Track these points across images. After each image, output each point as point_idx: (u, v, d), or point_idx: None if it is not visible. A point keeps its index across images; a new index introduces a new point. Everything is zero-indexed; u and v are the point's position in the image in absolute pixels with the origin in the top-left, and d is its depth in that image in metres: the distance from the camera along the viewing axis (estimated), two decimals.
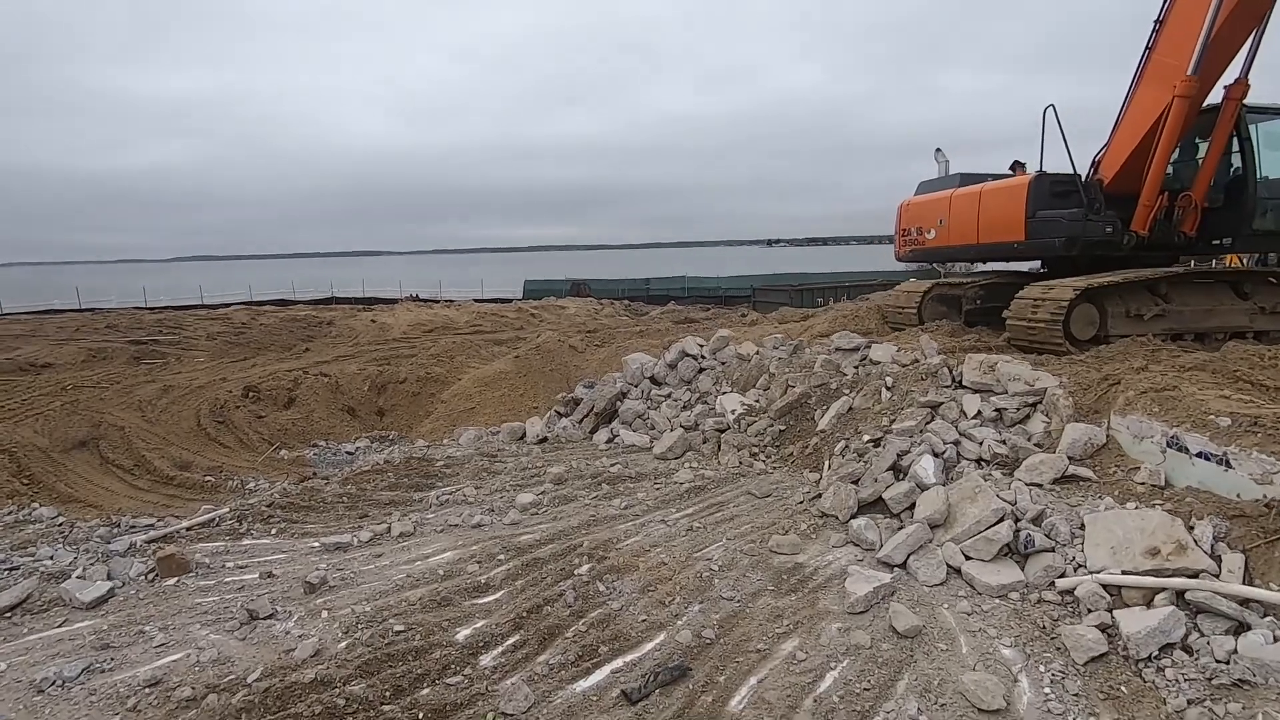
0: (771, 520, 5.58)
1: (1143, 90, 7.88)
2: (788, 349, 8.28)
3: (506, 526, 5.95)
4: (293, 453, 9.83)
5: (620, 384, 8.83)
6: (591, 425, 8.59)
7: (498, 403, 11.79)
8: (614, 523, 5.83)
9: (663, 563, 4.98)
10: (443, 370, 13.30)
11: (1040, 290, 7.51)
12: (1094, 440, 5.02)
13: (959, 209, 9.61)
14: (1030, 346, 7.55)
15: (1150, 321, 7.55)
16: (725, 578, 4.71)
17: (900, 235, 11.02)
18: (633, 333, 15.15)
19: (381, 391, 12.44)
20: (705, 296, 34.68)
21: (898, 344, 7.80)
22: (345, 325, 21.25)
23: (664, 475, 6.86)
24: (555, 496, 6.47)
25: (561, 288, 37.45)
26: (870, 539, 4.96)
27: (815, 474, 6.40)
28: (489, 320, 22.52)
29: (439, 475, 7.49)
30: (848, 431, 6.62)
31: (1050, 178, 8.52)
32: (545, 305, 27.05)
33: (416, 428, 11.45)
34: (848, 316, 10.64)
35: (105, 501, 7.81)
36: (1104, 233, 8.01)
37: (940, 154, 10.86)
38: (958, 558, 4.53)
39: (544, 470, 7.24)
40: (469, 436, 9.12)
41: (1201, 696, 3.13)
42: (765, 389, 7.83)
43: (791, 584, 4.58)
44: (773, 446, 7.09)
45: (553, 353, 13.48)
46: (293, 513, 6.61)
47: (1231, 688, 3.12)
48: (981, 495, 4.87)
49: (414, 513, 6.47)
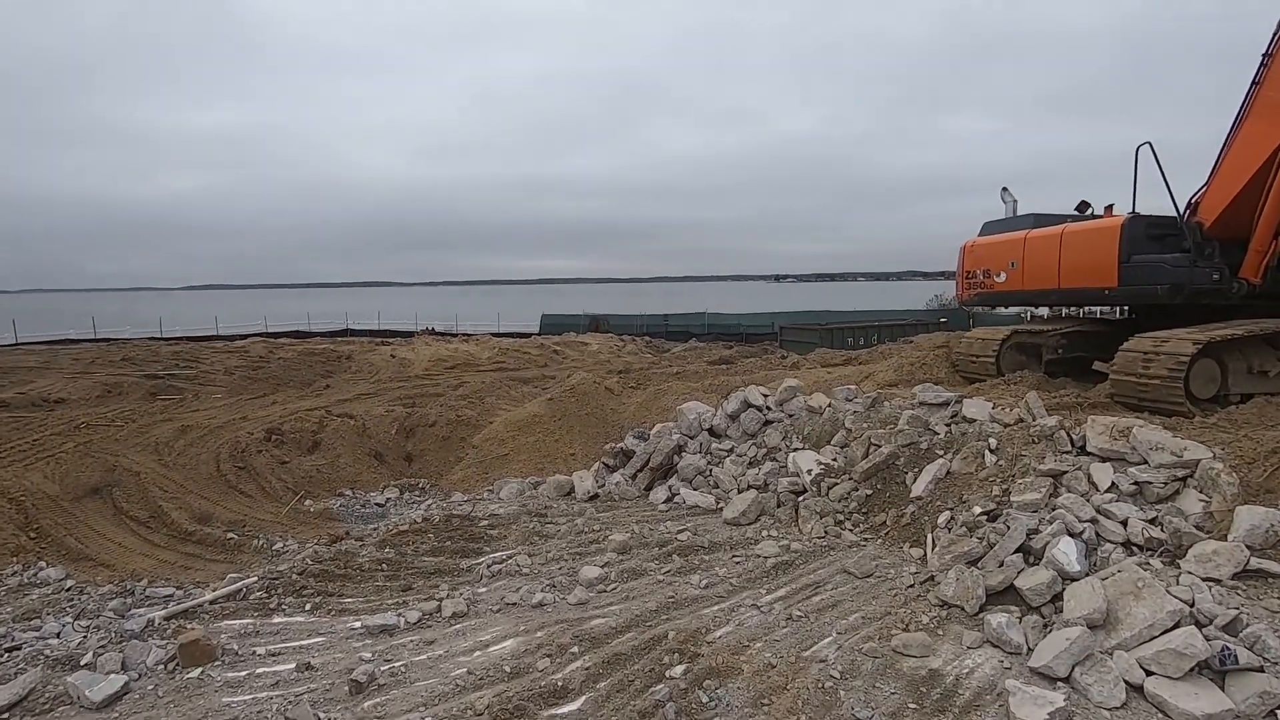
0: (884, 609, 4.84)
1: (1251, 126, 7.30)
2: (864, 402, 7.60)
3: (573, 607, 5.23)
4: (318, 503, 9.14)
5: (676, 436, 8.15)
6: (646, 481, 7.89)
7: (532, 449, 11.10)
8: (697, 606, 5.10)
9: (770, 664, 4.24)
10: (473, 413, 12.65)
11: (1152, 343, 6.83)
12: (1277, 528, 4.29)
13: (1036, 251, 9.00)
14: (1141, 405, 6.85)
15: (1275, 379, 6.85)
16: (851, 689, 3.97)
17: (964, 278, 10.41)
18: (668, 375, 14.50)
19: (410, 435, 11.78)
20: (726, 334, 34.10)
21: (991, 399, 7.11)
22: (364, 360, 20.73)
23: (741, 545, 6.13)
24: (622, 570, 5.75)
25: (579, 322, 36.95)
26: (1014, 640, 4.21)
27: (917, 549, 5.67)
28: (512, 357, 21.95)
29: (485, 538, 6.79)
30: (950, 500, 5.90)
31: (1146, 220, 7.92)
32: (567, 341, 26.50)
33: (447, 475, 10.76)
34: (912, 364, 9.95)
35: (118, 560, 7.14)
36: (1211, 280, 7.37)
37: (1007, 193, 10.30)
38: (1135, 672, 3.78)
39: (603, 536, 6.52)
40: (511, 490, 8.43)
41: None
42: (843, 446, 7.13)
43: (935, 700, 3.83)
44: (860, 514, 6.36)
45: (588, 395, 12.83)
46: (327, 582, 5.91)
47: None
48: (1149, 591, 4.13)
49: (464, 585, 5.76)
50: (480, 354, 22.84)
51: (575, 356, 23.19)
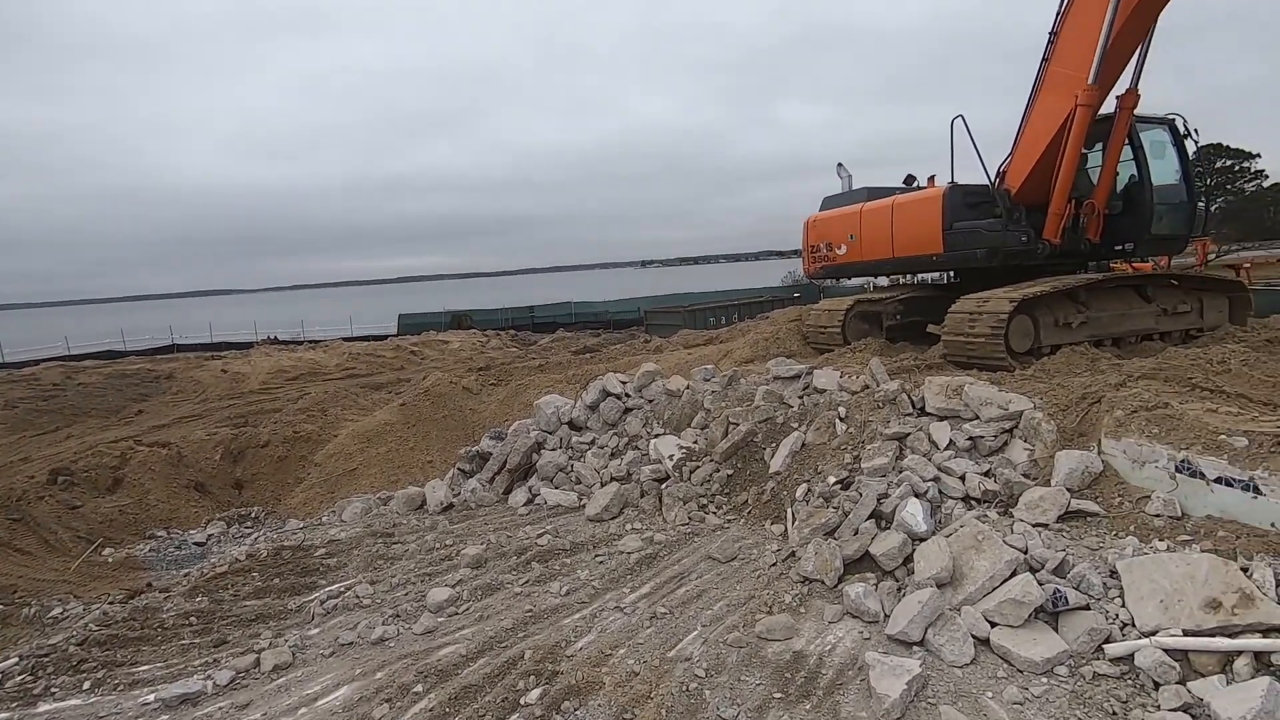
0: (748, 593, 4.71)
1: (1044, 100, 7.94)
2: (721, 381, 7.53)
3: (419, 638, 4.67)
4: (120, 551, 7.80)
5: (534, 433, 7.70)
6: (505, 484, 7.39)
7: (384, 461, 10.20)
8: (558, 617, 4.73)
9: (633, 672, 3.96)
10: (314, 427, 11.44)
11: (975, 304, 7.27)
12: (1091, 469, 4.59)
13: (871, 223, 9.39)
14: (969, 362, 7.28)
15: (1077, 330, 7.53)
16: (717, 686, 3.76)
17: (809, 252, 10.72)
18: (531, 368, 13.94)
19: (238, 459, 10.43)
20: (593, 322, 33.86)
21: (839, 368, 7.27)
22: (189, 378, 18.40)
23: (604, 543, 5.82)
24: (476, 587, 5.25)
25: (440, 320, 35.22)
26: (872, 609, 4.20)
27: (778, 525, 5.63)
28: (363, 362, 20.38)
29: (321, 569, 6.01)
30: (806, 472, 5.92)
31: (963, 189, 8.43)
32: (426, 341, 25.07)
33: (286, 499, 9.64)
34: (767, 339, 10.12)
35: None
36: (1021, 242, 7.97)
37: (842, 168, 10.69)
38: (981, 625, 3.86)
39: (456, 550, 5.97)
40: (355, 510, 7.61)
41: None
42: (703, 428, 7.02)
43: (800, 685, 3.71)
44: (723, 495, 6.26)
45: (444, 397, 12.02)
46: (116, 650, 4.93)
47: None
48: (988, 544, 4.25)
49: (291, 629, 5.01)
50: (328, 361, 21.04)
51: (435, 356, 21.97)
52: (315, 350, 24.28)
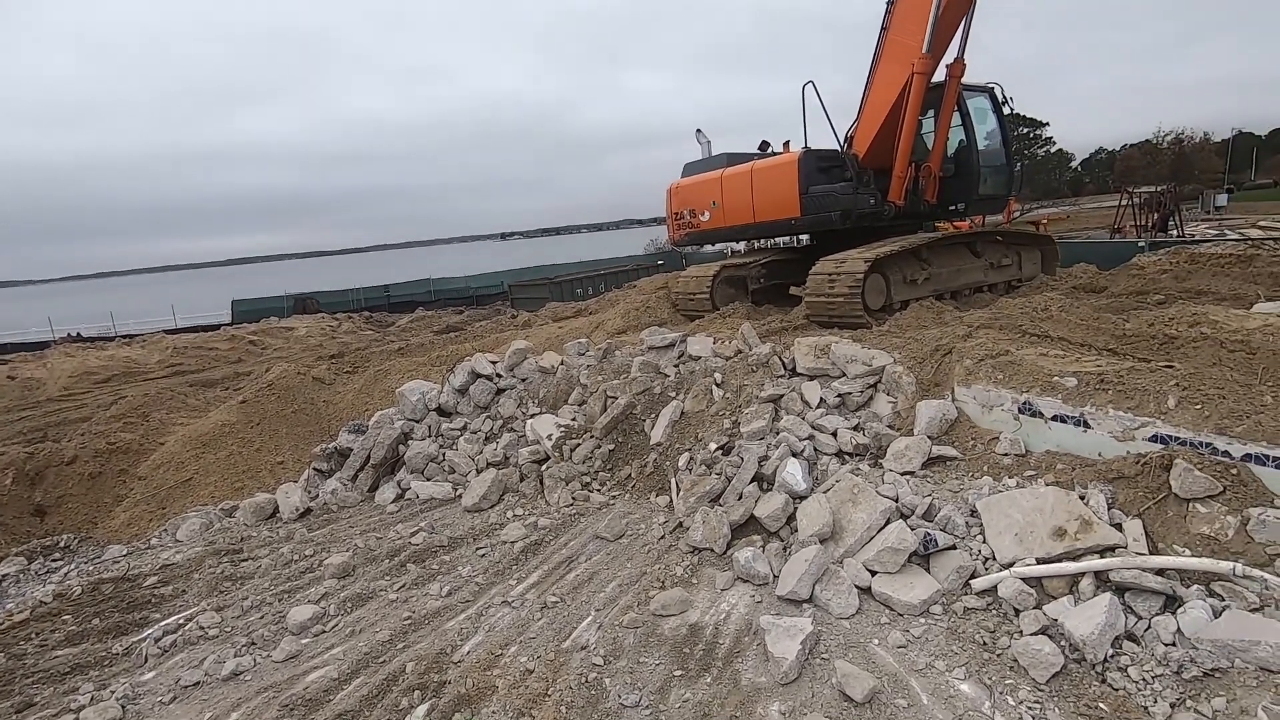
0: (639, 569, 4.62)
1: (884, 68, 8.34)
2: (596, 355, 7.35)
3: (281, 666, 4.17)
4: None
5: (400, 422, 7.15)
6: (370, 481, 6.82)
7: (225, 466, 9.09)
8: (440, 620, 4.40)
9: (527, 670, 3.75)
10: (134, 435, 9.95)
11: (833, 265, 7.58)
12: (947, 416, 4.91)
13: (732, 189, 9.51)
14: (830, 321, 7.60)
15: (922, 285, 8.10)
16: (616, 672, 3.64)
17: (673, 219, 10.73)
18: (390, 352, 13.00)
19: (37, 481, 8.84)
20: (455, 298, 32.43)
21: (711, 334, 7.32)
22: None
23: (485, 534, 5.51)
24: (345, 599, 4.78)
25: (282, 305, 32.18)
26: (761, 572, 4.25)
27: (663, 497, 5.59)
28: (192, 356, 18.14)
29: (152, 601, 5.22)
30: (687, 441, 5.91)
31: (816, 153, 8.72)
32: (266, 329, 22.75)
33: (104, 522, 8.34)
34: (638, 308, 10.04)
35: None
36: (870, 205, 8.39)
37: (701, 134, 10.73)
38: (863, 575, 4.02)
39: (319, 560, 5.41)
40: (192, 527, 6.71)
41: (1181, 696, 2.89)
42: (581, 404, 6.82)
43: (699, 658, 3.67)
44: (605, 471, 6.12)
45: (292, 390, 10.90)
46: None
47: (1205, 679, 2.90)
48: (863, 496, 4.43)
49: (119, 677, 4.30)
50: (148, 358, 18.53)
51: (279, 345, 20.03)
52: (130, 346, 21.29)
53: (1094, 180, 77.89)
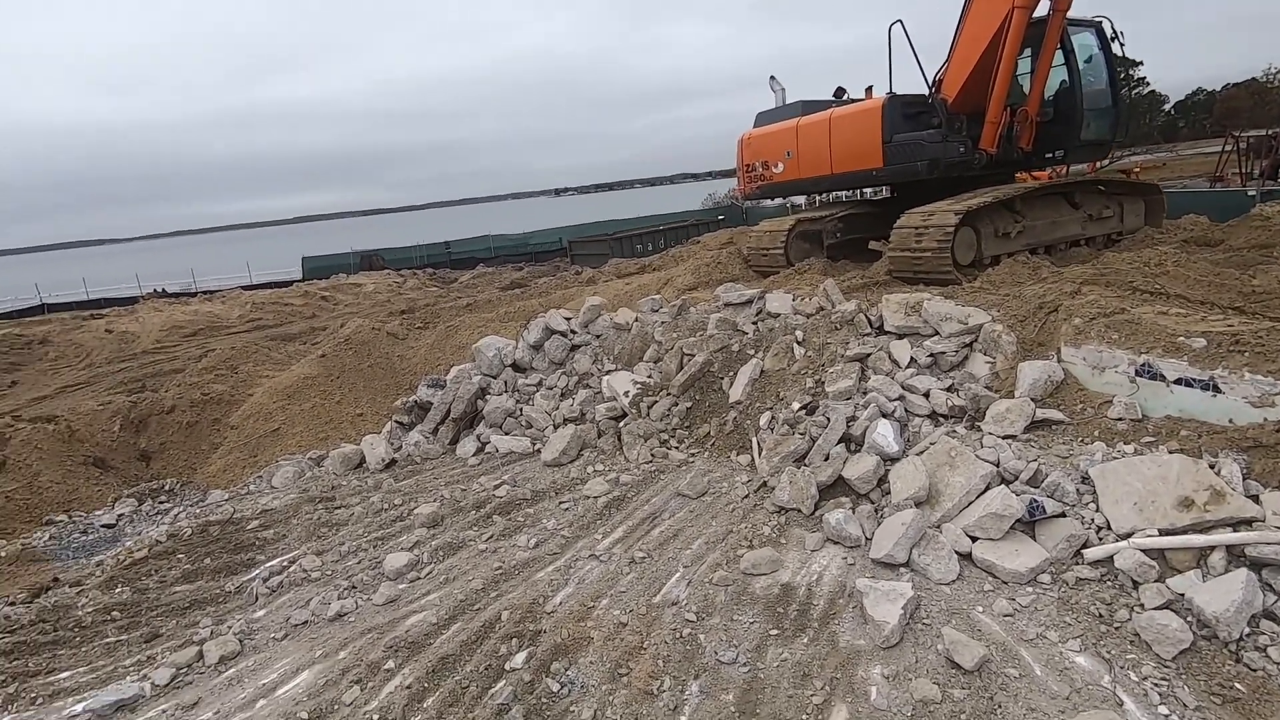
0: (725, 528, 4.60)
1: (979, 3, 7.73)
2: (670, 311, 7.26)
3: (381, 609, 4.35)
4: (14, 543, 6.95)
5: (477, 378, 7.25)
6: (451, 434, 6.98)
7: (309, 418, 9.49)
8: (529, 571, 4.49)
9: (620, 623, 3.79)
10: (224, 386, 10.48)
11: (920, 218, 7.21)
12: (1053, 377, 4.64)
13: (808, 138, 9.12)
14: (915, 277, 7.28)
15: (1015, 239, 7.64)
16: (710, 629, 3.65)
17: (744, 171, 10.40)
18: (458, 308, 13.22)
19: (142, 429, 9.46)
20: (514, 255, 32.64)
21: (790, 290, 7.11)
22: (67, 341, 16.55)
23: (567, 488, 5.58)
24: (436, 547, 4.93)
25: (349, 262, 33.05)
26: (853, 534, 4.16)
27: (744, 455, 5.53)
28: (270, 312, 18.90)
29: (257, 543, 5.52)
30: (768, 399, 5.81)
31: (901, 99, 8.23)
32: (336, 285, 23.47)
33: (203, 468, 8.86)
34: (708, 264, 9.84)
35: None
36: (959, 153, 7.91)
37: (775, 82, 10.28)
38: (963, 541, 3.88)
39: (408, 510, 5.59)
40: (285, 474, 7.04)
41: None
42: (656, 361, 6.77)
43: (794, 619, 3.64)
44: (684, 429, 6.09)
45: (368, 344, 11.23)
46: (29, 657, 4.38)
47: None
48: (961, 460, 4.26)
49: (234, 614, 4.58)
50: (229, 313, 19.40)
51: (349, 301, 20.65)
52: (212, 302, 22.34)
53: (1189, 124, 71.89)
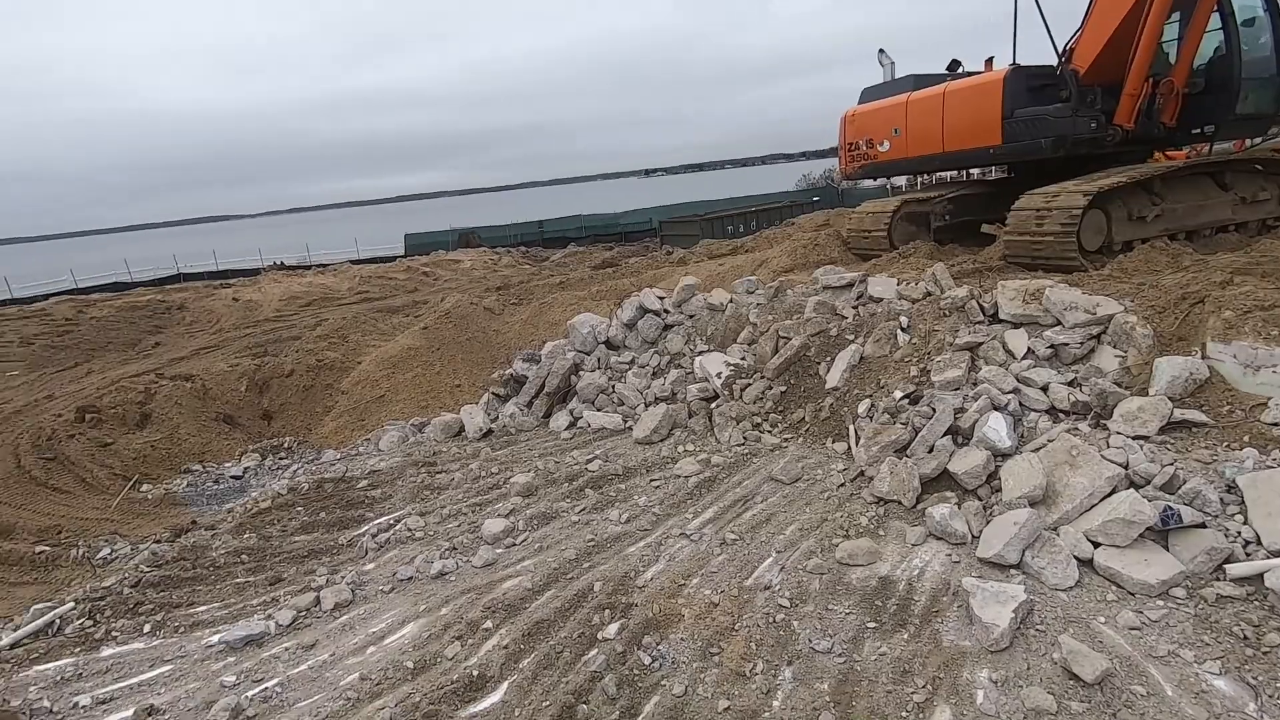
0: (819, 515, 4.49)
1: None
2: (766, 293, 7.12)
3: (480, 571, 4.54)
4: (158, 486, 7.74)
5: (571, 354, 7.39)
6: (544, 408, 7.16)
7: (411, 386, 9.99)
8: (620, 545, 4.56)
9: (712, 603, 3.79)
10: (337, 354, 11.20)
11: (1042, 199, 6.69)
12: (1196, 375, 4.23)
13: (918, 115, 8.65)
14: (1035, 263, 6.79)
15: (1151, 223, 6.98)
16: (804, 616, 3.59)
17: (846, 150, 10.01)
18: (551, 286, 13.51)
19: (264, 390, 10.26)
20: (605, 234, 32.96)
21: (893, 274, 6.81)
22: (201, 308, 18.10)
23: (658, 467, 5.61)
24: (531, 516, 5.08)
25: (447, 239, 34.38)
26: (959, 530, 3.97)
27: (840, 443, 5.37)
28: (376, 285, 19.96)
29: (366, 501, 5.87)
30: (867, 387, 5.60)
31: (1026, 71, 7.65)
32: (436, 261, 24.49)
33: (316, 429, 9.52)
34: (805, 246, 9.57)
35: None
36: (1090, 129, 7.28)
37: (884, 55, 9.79)
38: (1084, 546, 3.62)
39: (504, 478, 5.79)
40: (391, 439, 7.44)
41: None
42: (750, 343, 6.67)
43: (892, 613, 3.52)
44: (777, 413, 5.98)
45: (466, 318, 11.68)
46: (172, 590, 4.86)
47: None
48: (1084, 459, 3.97)
49: (346, 565, 4.89)
50: (339, 286, 20.62)
51: (448, 277, 21.50)
52: (324, 275, 23.79)
53: None
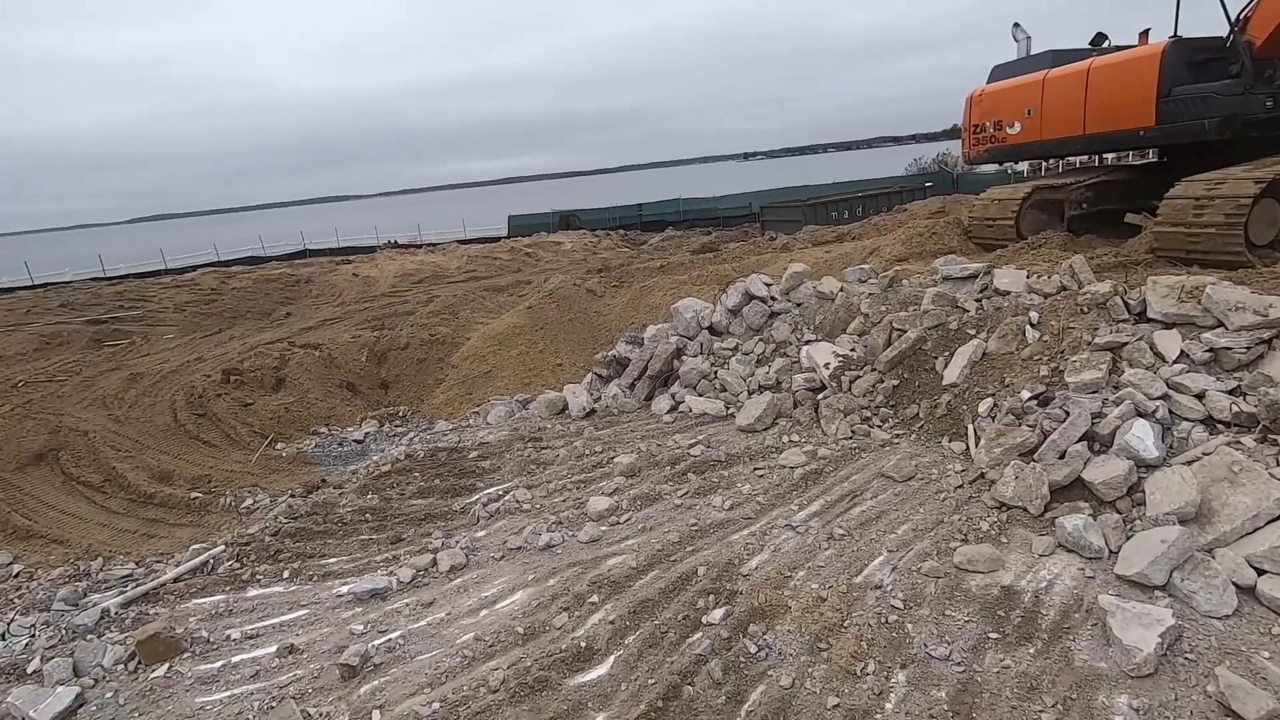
0: (935, 517, 4.31)
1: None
2: (879, 283, 6.84)
3: (585, 546, 4.66)
4: (291, 445, 8.43)
5: (674, 338, 7.40)
6: (646, 391, 7.22)
7: (516, 363, 10.33)
8: (724, 531, 4.55)
9: (819, 597, 3.72)
10: (448, 329, 11.75)
11: (1203, 187, 6.05)
12: None
13: (1057, 94, 8.00)
14: (1191, 257, 6.16)
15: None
16: (918, 619, 3.46)
17: (970, 132, 9.41)
18: (652, 269, 13.56)
19: (382, 361, 10.93)
20: (703, 219, 32.70)
21: (1022, 266, 6.38)
22: (325, 282, 19.42)
23: (762, 455, 5.55)
24: (634, 497, 5.15)
25: (549, 221, 35.17)
26: (1094, 544, 3.69)
27: (958, 443, 5.12)
28: (482, 264, 20.72)
29: (477, 471, 6.14)
30: (989, 385, 5.29)
31: (1188, 43, 6.90)
32: (538, 242, 25.11)
33: (428, 400, 10.04)
34: (921, 234, 9.10)
35: (72, 533, 6.44)
36: (1264, 108, 6.49)
37: (1019, 29, 9.10)
38: (1245, 572, 3.29)
39: (607, 457, 5.90)
40: (499, 413, 7.74)
41: None
42: (861, 334, 6.45)
43: (1017, 625, 3.33)
44: (888, 408, 5.76)
45: (569, 299, 11.93)
46: (306, 541, 5.28)
47: None
48: (1248, 476, 3.59)
49: (460, 530, 5.15)
50: (448, 264, 21.55)
51: (549, 258, 22.00)
52: (435, 253, 24.95)
53: None
